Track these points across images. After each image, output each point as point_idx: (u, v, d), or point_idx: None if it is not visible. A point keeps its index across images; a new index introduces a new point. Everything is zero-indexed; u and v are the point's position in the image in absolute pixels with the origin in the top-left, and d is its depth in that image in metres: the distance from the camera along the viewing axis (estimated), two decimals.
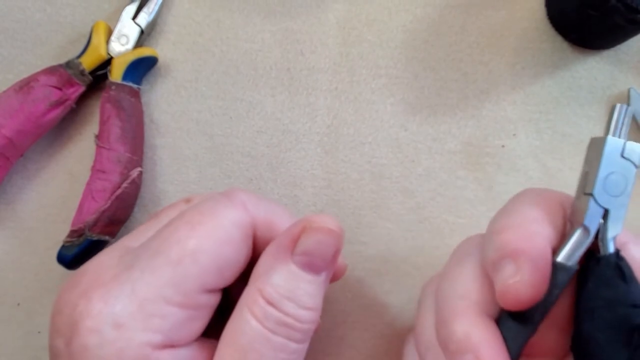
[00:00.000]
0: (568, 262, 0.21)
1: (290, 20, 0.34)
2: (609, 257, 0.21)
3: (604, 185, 0.22)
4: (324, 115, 0.33)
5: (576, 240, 0.21)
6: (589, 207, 0.22)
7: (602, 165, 0.22)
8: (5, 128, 0.29)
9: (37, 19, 0.34)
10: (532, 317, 0.21)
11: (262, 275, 0.21)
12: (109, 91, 0.31)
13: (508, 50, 0.34)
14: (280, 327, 0.20)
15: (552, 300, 0.21)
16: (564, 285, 0.21)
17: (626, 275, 0.21)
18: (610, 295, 0.21)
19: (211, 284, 0.21)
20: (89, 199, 0.29)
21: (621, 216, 0.22)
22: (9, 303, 0.32)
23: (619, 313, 0.20)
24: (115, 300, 0.19)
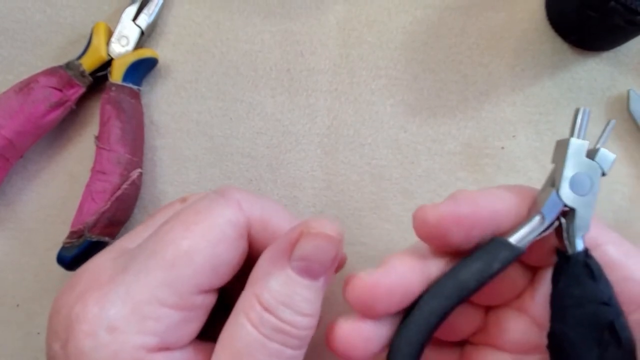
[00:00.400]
0: (517, 243, 0.22)
1: (290, 21, 0.34)
2: (577, 255, 0.22)
3: (569, 183, 0.23)
4: (323, 116, 0.33)
5: (530, 225, 0.22)
6: (549, 197, 0.23)
7: (566, 164, 0.23)
8: (5, 129, 0.29)
9: (37, 20, 0.34)
10: (467, 282, 0.22)
11: (259, 280, 0.21)
12: (109, 92, 0.31)
13: (508, 51, 0.34)
14: (277, 334, 0.20)
15: (490, 273, 0.22)
16: (506, 262, 0.22)
17: (595, 273, 0.21)
18: (579, 294, 0.21)
19: (206, 284, 0.21)
20: (88, 200, 0.29)
21: (588, 216, 0.22)
22: (9, 304, 0.32)
23: (589, 311, 0.21)
24: (110, 303, 0.19)
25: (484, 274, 0.22)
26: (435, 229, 0.22)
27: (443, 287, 0.22)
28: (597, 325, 0.20)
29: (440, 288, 0.22)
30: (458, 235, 0.22)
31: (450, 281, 0.22)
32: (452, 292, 0.22)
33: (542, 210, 0.22)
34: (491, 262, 0.22)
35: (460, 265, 0.23)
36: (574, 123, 0.23)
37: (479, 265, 0.22)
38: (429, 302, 0.22)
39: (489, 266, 0.22)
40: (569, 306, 0.21)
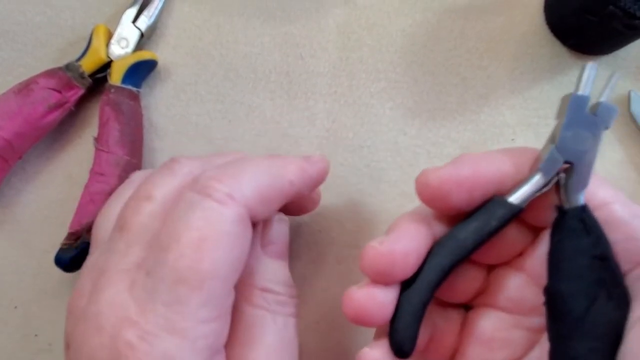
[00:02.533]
0: (515, 201, 0.22)
1: (290, 24, 0.34)
2: (574, 210, 0.22)
3: (569, 138, 0.22)
4: (323, 119, 0.33)
5: (530, 183, 0.22)
6: (549, 154, 0.22)
7: (567, 119, 0.22)
8: (4, 130, 0.29)
9: (37, 22, 0.34)
10: (465, 240, 0.22)
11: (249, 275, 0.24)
12: (108, 94, 0.31)
13: (507, 55, 0.34)
14: (279, 307, 0.24)
15: (488, 230, 0.22)
16: (503, 220, 0.22)
17: (589, 228, 0.21)
18: (573, 247, 0.21)
19: (233, 283, 0.22)
20: (87, 201, 0.29)
21: (588, 172, 0.22)
22: (6, 306, 0.32)
23: (581, 264, 0.21)
24: (156, 338, 0.20)
25: (482, 233, 0.22)
26: (437, 192, 0.22)
27: (442, 247, 0.23)
28: (588, 278, 0.20)
29: (440, 248, 0.23)
30: (459, 196, 0.22)
31: (449, 241, 0.23)
32: (450, 251, 0.22)
33: (541, 167, 0.22)
34: (489, 220, 0.22)
35: (459, 225, 0.23)
36: (579, 78, 0.23)
37: (477, 224, 0.22)
38: (429, 262, 0.22)
39: (486, 224, 0.22)
40: (563, 260, 0.21)
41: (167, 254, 0.20)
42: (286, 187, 0.24)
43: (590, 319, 0.20)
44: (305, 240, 0.32)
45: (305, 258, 0.32)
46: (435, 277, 0.22)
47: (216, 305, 0.21)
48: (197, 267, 0.20)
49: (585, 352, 0.20)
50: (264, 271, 0.24)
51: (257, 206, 0.22)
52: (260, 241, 0.25)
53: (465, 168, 0.22)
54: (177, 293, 0.20)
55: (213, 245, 0.20)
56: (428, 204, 0.23)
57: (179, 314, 0.20)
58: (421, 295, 0.22)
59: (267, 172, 0.23)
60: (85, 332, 0.21)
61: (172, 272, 0.20)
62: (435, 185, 0.22)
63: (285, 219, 0.26)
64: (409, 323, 0.22)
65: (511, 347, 0.24)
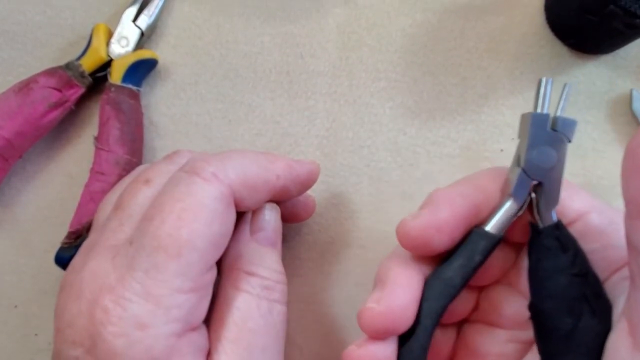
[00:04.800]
0: (494, 231, 0.22)
1: (290, 24, 0.34)
2: (547, 229, 0.22)
3: (534, 158, 0.22)
4: (323, 118, 0.33)
5: (504, 209, 0.23)
6: (518, 177, 0.22)
7: (529, 138, 0.22)
8: (4, 129, 0.29)
9: (37, 21, 0.34)
10: (453, 279, 0.22)
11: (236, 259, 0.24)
12: (108, 93, 0.31)
13: (507, 55, 0.34)
14: (264, 291, 0.24)
15: (473, 266, 0.22)
16: (486, 253, 0.22)
17: (565, 245, 0.21)
18: (551, 266, 0.21)
19: (211, 260, 0.22)
20: (87, 200, 0.29)
21: (557, 189, 0.22)
22: (6, 305, 0.32)
23: (561, 283, 0.21)
24: (131, 302, 0.20)
25: (468, 269, 0.22)
26: (419, 240, 0.23)
27: (432, 291, 0.23)
28: (570, 296, 0.21)
29: (430, 292, 0.23)
30: (441, 240, 0.23)
31: (437, 283, 0.23)
32: (441, 294, 0.22)
33: (512, 192, 0.23)
34: (472, 256, 0.22)
35: (444, 264, 0.23)
36: (537, 95, 0.23)
37: (462, 261, 0.22)
38: (423, 309, 0.22)
39: (471, 260, 0.22)
40: (543, 279, 0.21)
41: (150, 223, 0.21)
42: (272, 179, 0.25)
43: (577, 336, 0.20)
44: (305, 240, 0.32)
45: (305, 258, 0.32)
46: (430, 322, 0.22)
47: (192, 277, 0.21)
48: (175, 234, 0.21)
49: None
50: (251, 256, 0.25)
51: (241, 190, 0.23)
52: (249, 227, 0.26)
53: (442, 211, 0.22)
54: (155, 260, 0.20)
55: (193, 217, 0.21)
56: (412, 251, 0.23)
57: (154, 280, 0.20)
58: (420, 343, 0.22)
59: (254, 162, 0.24)
60: (66, 300, 0.22)
61: (153, 239, 0.21)
62: (415, 235, 0.23)
63: (276, 207, 0.26)
64: None
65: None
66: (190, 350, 0.21)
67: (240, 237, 0.25)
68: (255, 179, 0.24)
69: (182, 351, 0.21)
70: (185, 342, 0.21)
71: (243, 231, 0.25)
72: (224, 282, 0.24)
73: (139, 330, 0.20)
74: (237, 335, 0.23)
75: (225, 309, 0.23)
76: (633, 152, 0.18)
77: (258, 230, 0.26)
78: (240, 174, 0.23)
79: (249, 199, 0.24)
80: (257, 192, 0.24)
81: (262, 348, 0.23)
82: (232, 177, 0.23)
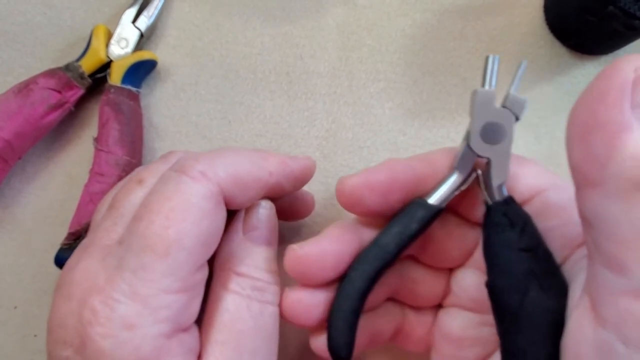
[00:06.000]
0: (434, 202, 0.23)
1: (290, 24, 0.34)
2: (496, 205, 0.22)
3: (480, 134, 0.22)
4: (322, 119, 0.33)
5: (447, 182, 0.23)
6: (462, 152, 0.23)
7: (476, 114, 0.23)
8: (4, 131, 0.29)
9: (37, 22, 0.34)
10: (388, 245, 0.23)
11: (226, 260, 0.24)
12: (108, 94, 0.31)
13: (507, 55, 0.34)
14: (255, 292, 0.23)
15: (409, 234, 0.23)
16: (423, 222, 0.23)
17: (512, 220, 0.21)
18: (500, 242, 0.21)
19: (201, 259, 0.22)
20: (87, 201, 0.29)
21: (505, 165, 0.22)
22: (6, 306, 0.32)
23: (509, 258, 0.21)
24: (118, 303, 0.20)
25: (403, 236, 0.23)
26: (352, 197, 0.23)
27: (366, 254, 0.23)
28: (518, 271, 0.21)
29: (364, 255, 0.23)
30: (374, 200, 0.23)
31: (372, 247, 0.23)
32: (374, 257, 0.23)
33: (456, 165, 0.23)
34: (409, 224, 0.23)
35: (382, 231, 0.23)
36: (484, 72, 0.23)
37: (398, 228, 0.23)
38: (354, 269, 0.23)
39: (407, 228, 0.23)
40: (493, 255, 0.21)
41: (139, 223, 0.21)
42: (265, 176, 0.24)
43: (525, 311, 0.20)
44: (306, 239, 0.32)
45: None
46: (361, 284, 0.23)
47: (181, 277, 0.21)
48: (163, 234, 0.20)
49: (526, 344, 0.20)
50: (242, 256, 0.24)
51: (231, 188, 0.23)
52: (242, 227, 0.25)
53: (380, 173, 0.23)
54: (143, 260, 0.20)
55: (181, 216, 0.21)
56: (347, 209, 0.24)
57: (142, 281, 0.20)
58: (350, 302, 0.23)
59: (246, 159, 0.24)
60: (58, 300, 0.22)
61: (141, 239, 0.21)
62: (348, 191, 0.23)
63: (271, 205, 0.26)
64: (343, 330, 0.23)
65: (482, 344, 0.25)
66: (180, 351, 0.21)
67: (233, 236, 0.25)
68: (247, 177, 0.24)
69: (171, 352, 0.21)
70: (175, 343, 0.21)
71: (235, 230, 0.25)
72: (214, 282, 0.24)
73: (126, 330, 0.20)
74: (226, 337, 0.22)
75: (215, 310, 0.23)
76: (574, 119, 0.18)
77: (251, 228, 0.25)
78: (230, 172, 0.23)
79: (241, 196, 0.23)
80: (249, 190, 0.24)
81: (252, 350, 0.23)
82: (221, 175, 0.22)
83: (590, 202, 0.17)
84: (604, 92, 0.17)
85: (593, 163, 0.17)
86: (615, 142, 0.16)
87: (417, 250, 0.26)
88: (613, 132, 0.16)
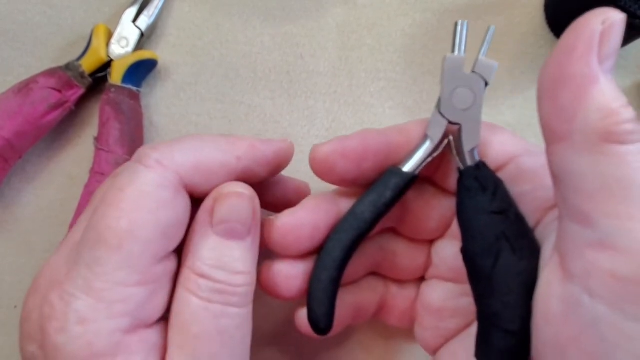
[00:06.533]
0: (408, 169, 0.23)
1: (290, 23, 0.34)
2: (467, 169, 0.22)
3: (450, 99, 0.23)
4: (323, 118, 0.33)
5: (420, 150, 0.23)
6: (433, 119, 0.23)
7: (445, 80, 0.23)
8: (4, 130, 0.29)
9: (37, 22, 0.34)
10: (363, 214, 0.23)
11: (190, 254, 0.22)
12: (108, 94, 0.31)
13: (507, 55, 0.34)
14: (216, 295, 0.21)
15: (384, 201, 0.23)
16: (398, 189, 0.23)
17: (484, 185, 0.21)
18: (472, 206, 0.21)
19: (161, 251, 0.21)
20: (87, 201, 0.29)
21: (476, 129, 0.22)
22: (6, 306, 0.32)
23: (481, 222, 0.21)
24: (73, 297, 0.19)
25: (378, 204, 0.23)
26: (324, 164, 0.23)
27: (343, 223, 0.23)
28: (489, 234, 0.21)
29: (340, 224, 0.23)
30: (346, 167, 0.23)
31: (348, 216, 0.23)
32: (350, 227, 0.23)
33: (428, 132, 0.23)
34: (383, 192, 0.23)
35: (358, 200, 0.23)
36: (453, 38, 0.23)
37: (373, 197, 0.23)
38: (331, 239, 0.23)
39: (381, 196, 0.23)
40: (466, 220, 0.22)
41: (94, 216, 0.20)
42: (231, 161, 0.23)
43: (498, 274, 0.20)
44: None
45: None
46: (339, 253, 0.23)
47: (137, 270, 0.20)
48: (115, 225, 0.20)
49: (500, 307, 0.20)
50: (205, 253, 0.21)
51: (193, 175, 0.22)
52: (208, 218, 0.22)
53: (352, 141, 0.23)
54: (96, 253, 0.20)
55: (133, 206, 0.20)
56: (320, 176, 0.24)
57: (96, 275, 0.19)
58: (328, 272, 0.23)
59: (210, 145, 0.23)
60: (27, 296, 0.21)
61: (94, 232, 0.20)
62: (321, 158, 0.23)
63: (249, 193, 0.22)
64: (321, 300, 0.23)
65: (462, 315, 0.25)
66: (140, 347, 0.20)
67: (198, 228, 0.22)
68: (210, 162, 0.22)
69: (130, 348, 0.20)
70: (135, 339, 0.20)
71: (201, 221, 0.22)
72: (178, 279, 0.22)
73: (79, 325, 0.19)
74: (183, 341, 0.21)
75: (175, 309, 0.21)
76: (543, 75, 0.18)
77: (220, 221, 0.22)
78: (190, 158, 0.22)
79: (205, 184, 0.22)
80: (213, 176, 0.22)
81: (210, 356, 0.21)
82: (179, 162, 0.21)
83: (558, 156, 0.17)
84: (572, 45, 0.17)
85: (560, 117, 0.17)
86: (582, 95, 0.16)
87: (397, 222, 0.26)
88: (580, 85, 0.16)
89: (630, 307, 0.16)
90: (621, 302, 0.16)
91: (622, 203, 0.16)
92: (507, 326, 0.19)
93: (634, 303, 0.16)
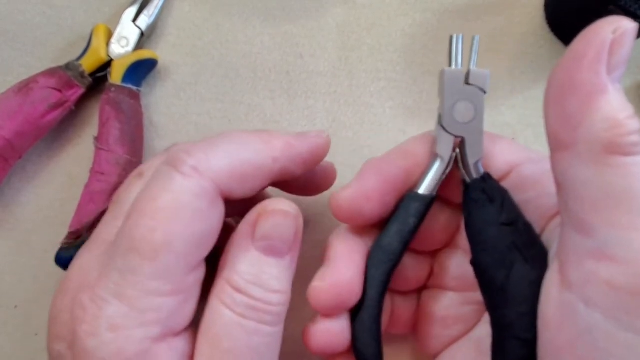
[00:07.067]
0: (424, 191, 0.23)
1: (290, 23, 0.34)
2: (474, 182, 0.22)
3: (452, 113, 0.23)
4: (322, 118, 0.33)
5: (433, 169, 0.23)
6: (439, 136, 0.23)
7: (445, 95, 0.23)
8: (4, 130, 0.29)
9: (37, 22, 0.34)
10: (391, 245, 0.23)
11: (228, 265, 0.21)
12: (108, 93, 0.31)
13: (507, 55, 0.34)
14: (251, 312, 0.20)
15: (409, 229, 0.23)
16: (420, 213, 0.23)
17: (490, 195, 0.21)
18: (481, 218, 0.21)
19: (194, 261, 0.20)
20: (87, 200, 0.29)
21: (479, 141, 0.22)
22: (7, 305, 0.32)
23: (491, 234, 0.21)
24: (106, 303, 0.19)
25: (404, 233, 0.23)
26: (351, 211, 0.23)
27: (373, 260, 0.23)
28: (501, 246, 0.21)
29: (371, 262, 0.23)
30: (372, 208, 0.23)
31: (377, 251, 0.23)
32: (381, 262, 0.23)
33: (437, 150, 0.23)
34: (407, 219, 0.23)
35: (382, 232, 0.23)
36: (449, 52, 0.23)
37: (398, 226, 0.23)
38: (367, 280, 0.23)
39: (406, 224, 0.23)
40: (476, 232, 0.22)
41: (127, 222, 0.20)
42: (268, 164, 0.22)
43: (512, 285, 0.20)
44: (310, 239, 0.32)
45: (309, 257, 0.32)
46: (376, 292, 0.23)
47: (171, 280, 0.20)
48: (150, 237, 0.19)
49: (514, 317, 0.20)
50: (244, 267, 0.21)
51: (229, 182, 0.21)
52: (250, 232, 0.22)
53: (369, 180, 0.23)
54: (130, 261, 0.19)
55: (169, 217, 0.19)
56: (347, 222, 0.24)
57: (129, 282, 0.19)
58: (370, 313, 0.23)
59: (245, 147, 0.22)
60: (56, 294, 0.22)
61: (127, 240, 0.20)
62: (346, 206, 0.23)
63: (295, 213, 0.22)
64: (369, 343, 0.23)
65: (464, 322, 0.25)
66: (169, 356, 0.20)
67: (239, 241, 0.22)
68: (246, 167, 0.21)
69: (158, 357, 0.20)
70: (164, 348, 0.20)
71: (244, 234, 0.22)
72: (213, 287, 0.22)
73: (110, 331, 0.19)
74: (212, 354, 0.20)
75: (206, 319, 0.21)
76: (551, 82, 0.18)
77: (262, 237, 0.21)
78: (226, 164, 0.21)
79: (241, 189, 0.21)
80: (250, 181, 0.22)
81: None
82: (216, 169, 0.20)
83: (562, 164, 0.17)
84: (582, 53, 0.17)
85: (566, 125, 0.17)
86: (589, 104, 0.16)
87: None
88: (587, 94, 0.16)
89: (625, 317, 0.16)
90: (616, 311, 0.16)
91: (628, 213, 0.16)
92: (523, 335, 0.19)
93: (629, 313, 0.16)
